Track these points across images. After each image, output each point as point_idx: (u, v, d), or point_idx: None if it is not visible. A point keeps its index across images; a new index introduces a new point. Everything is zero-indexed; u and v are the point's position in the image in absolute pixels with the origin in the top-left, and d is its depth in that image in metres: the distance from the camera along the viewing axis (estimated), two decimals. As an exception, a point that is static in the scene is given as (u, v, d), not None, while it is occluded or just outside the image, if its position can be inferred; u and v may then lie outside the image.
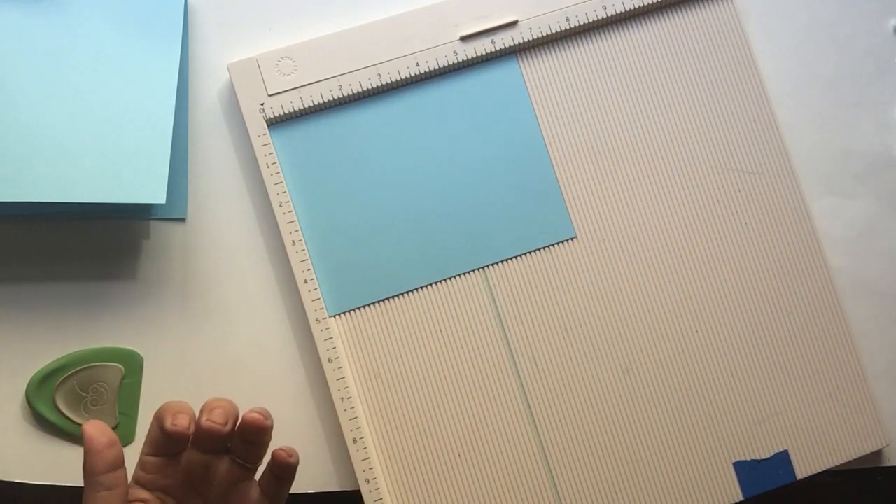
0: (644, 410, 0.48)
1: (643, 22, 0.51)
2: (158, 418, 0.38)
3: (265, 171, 0.47)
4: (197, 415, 0.38)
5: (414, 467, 0.47)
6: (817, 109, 0.52)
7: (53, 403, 0.47)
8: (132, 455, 0.47)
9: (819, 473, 0.49)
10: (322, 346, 0.47)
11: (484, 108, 0.49)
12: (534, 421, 0.48)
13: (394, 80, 0.48)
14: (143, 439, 0.39)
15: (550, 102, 0.50)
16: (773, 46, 0.52)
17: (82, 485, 0.36)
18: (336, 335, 0.47)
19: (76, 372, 0.47)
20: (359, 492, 0.46)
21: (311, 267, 0.47)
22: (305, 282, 0.47)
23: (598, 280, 0.49)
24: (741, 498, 0.48)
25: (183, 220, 0.49)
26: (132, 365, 0.48)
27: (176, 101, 0.46)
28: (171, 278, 0.48)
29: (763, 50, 0.52)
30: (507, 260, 0.49)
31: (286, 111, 0.48)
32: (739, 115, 0.51)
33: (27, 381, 0.47)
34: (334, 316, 0.47)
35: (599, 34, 0.50)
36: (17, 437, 0.47)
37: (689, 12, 0.51)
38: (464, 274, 0.48)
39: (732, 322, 0.49)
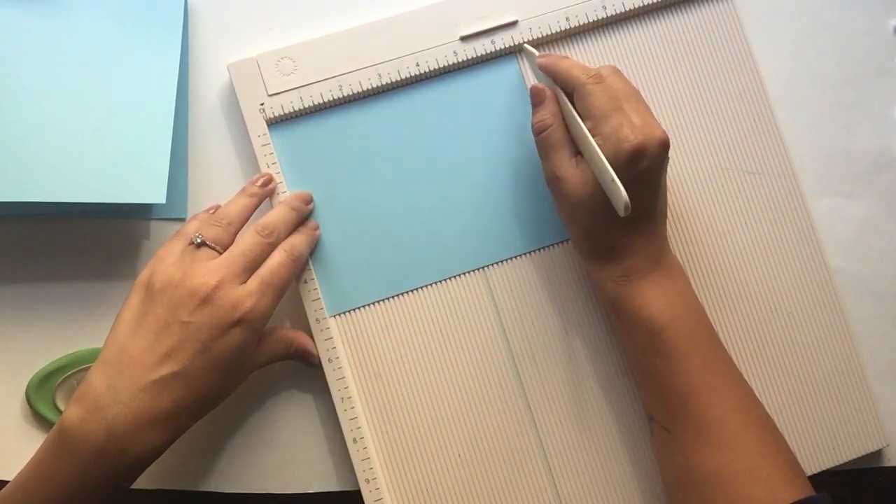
0: (644, 410, 0.48)
1: (643, 22, 0.51)
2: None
3: (265, 171, 0.47)
4: None
5: (414, 467, 0.47)
6: (817, 110, 0.52)
7: (53, 403, 0.47)
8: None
9: (819, 473, 0.49)
10: (322, 346, 0.47)
11: (484, 108, 0.49)
12: (534, 420, 0.48)
13: (394, 80, 0.48)
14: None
15: (550, 102, 0.50)
16: (773, 46, 0.52)
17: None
18: (336, 335, 0.47)
19: (76, 372, 0.47)
20: (359, 492, 0.46)
21: (311, 267, 0.47)
22: (305, 282, 0.47)
23: (598, 280, 0.49)
24: (741, 498, 0.48)
25: (183, 220, 0.49)
26: (132, 365, 0.47)
27: (176, 101, 0.46)
28: (171, 278, 0.48)
29: (763, 50, 0.52)
30: (507, 260, 0.49)
31: (286, 111, 0.48)
32: (739, 115, 0.51)
33: (27, 381, 0.47)
34: (334, 316, 0.47)
35: (599, 34, 0.50)
36: (17, 437, 0.47)
37: (689, 12, 0.51)
38: (464, 274, 0.48)
39: (732, 322, 0.49)
